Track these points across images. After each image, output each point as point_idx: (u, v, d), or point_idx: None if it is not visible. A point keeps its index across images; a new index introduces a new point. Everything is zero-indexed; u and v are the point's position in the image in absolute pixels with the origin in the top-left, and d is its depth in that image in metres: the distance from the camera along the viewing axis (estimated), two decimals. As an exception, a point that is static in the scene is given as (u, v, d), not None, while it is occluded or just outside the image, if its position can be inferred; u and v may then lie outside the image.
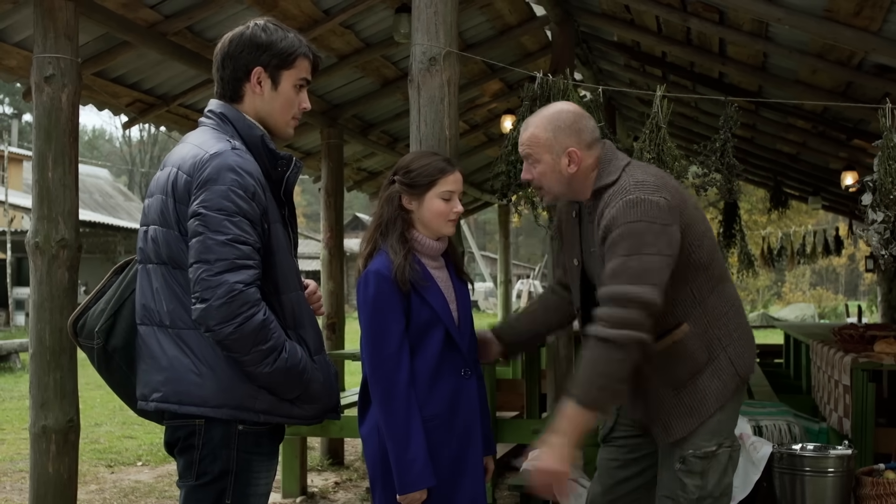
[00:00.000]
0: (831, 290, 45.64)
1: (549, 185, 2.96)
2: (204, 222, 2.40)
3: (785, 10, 4.83)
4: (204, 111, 2.68)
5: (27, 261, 4.49)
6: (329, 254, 7.90)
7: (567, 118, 2.93)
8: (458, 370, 2.96)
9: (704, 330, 2.88)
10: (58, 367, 4.29)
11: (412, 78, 3.64)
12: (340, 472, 7.25)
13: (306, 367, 2.53)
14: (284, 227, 2.61)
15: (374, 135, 8.86)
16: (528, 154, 2.96)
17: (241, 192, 2.42)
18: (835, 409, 5.66)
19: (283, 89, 2.65)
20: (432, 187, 2.95)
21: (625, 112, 10.58)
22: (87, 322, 2.63)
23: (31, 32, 4.50)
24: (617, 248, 2.72)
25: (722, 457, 2.87)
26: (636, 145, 4.87)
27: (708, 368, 2.88)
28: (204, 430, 2.48)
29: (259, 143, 2.58)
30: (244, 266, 2.39)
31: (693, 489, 2.83)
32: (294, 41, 2.65)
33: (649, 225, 2.72)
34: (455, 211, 2.97)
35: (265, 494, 2.61)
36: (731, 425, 2.94)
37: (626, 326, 2.65)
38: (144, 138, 50.59)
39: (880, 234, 4.68)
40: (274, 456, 2.64)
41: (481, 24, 6.98)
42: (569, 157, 2.89)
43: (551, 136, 2.91)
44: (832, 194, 12.34)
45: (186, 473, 2.52)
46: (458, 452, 2.94)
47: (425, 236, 2.99)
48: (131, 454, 7.98)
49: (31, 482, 4.33)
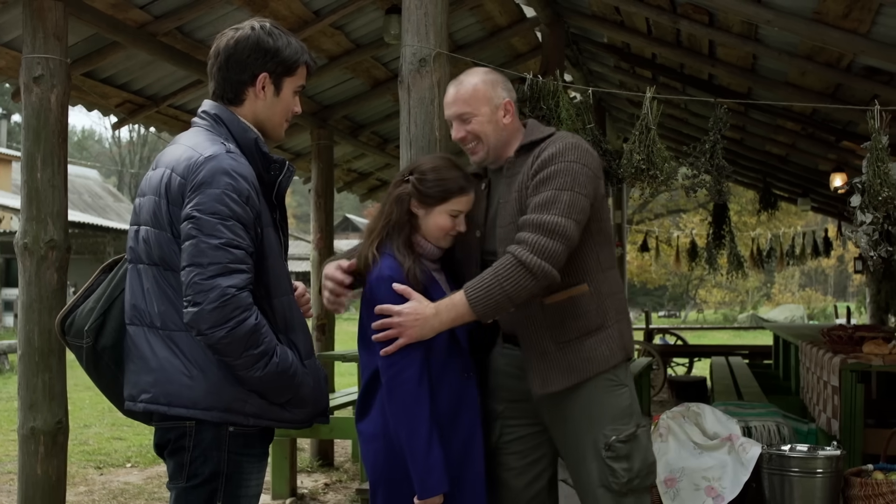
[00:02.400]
0: (820, 291, 45.77)
1: (485, 135, 3.02)
2: (197, 225, 2.39)
3: (774, 12, 4.84)
4: (197, 112, 2.67)
5: (16, 262, 4.47)
6: (319, 255, 7.89)
7: (498, 75, 3.09)
8: (459, 372, 2.96)
9: (601, 298, 2.97)
10: (46, 368, 4.28)
11: (402, 79, 3.64)
12: (330, 474, 7.24)
13: (297, 372, 2.53)
14: (276, 231, 2.61)
15: (364, 136, 8.85)
16: (464, 111, 3.02)
17: (235, 195, 2.41)
18: (823, 410, 5.68)
19: (284, 95, 2.67)
20: (444, 203, 2.94)
21: (615, 113, 10.60)
22: (75, 321, 2.62)
23: (20, 33, 4.49)
24: (550, 182, 2.82)
25: (642, 437, 2.95)
26: (626, 146, 4.88)
27: (598, 334, 2.95)
28: (195, 432, 2.47)
29: (253, 146, 2.58)
30: (237, 270, 2.39)
31: (622, 473, 2.88)
32: (297, 48, 2.67)
33: (584, 167, 2.86)
34: (458, 230, 2.98)
35: (256, 496, 2.61)
36: (638, 407, 3.02)
37: (546, 258, 2.73)
38: (134, 139, 50.39)
39: (869, 235, 4.70)
40: (264, 457, 2.64)
41: (471, 25, 6.98)
42: (504, 109, 3.03)
43: (489, 88, 3.03)
44: (821, 196, 12.38)
45: (177, 475, 2.51)
46: (463, 454, 2.93)
47: (426, 241, 2.99)
48: (120, 456, 7.96)
49: (20, 484, 4.31)
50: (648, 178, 4.77)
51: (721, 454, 3.94)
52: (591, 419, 2.92)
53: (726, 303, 40.22)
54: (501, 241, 2.94)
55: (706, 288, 37.04)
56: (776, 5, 4.84)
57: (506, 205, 2.98)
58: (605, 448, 2.89)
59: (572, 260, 2.87)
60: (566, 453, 3.02)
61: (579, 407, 2.94)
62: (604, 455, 2.89)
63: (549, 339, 2.92)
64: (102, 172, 43.22)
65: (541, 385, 2.93)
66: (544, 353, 2.93)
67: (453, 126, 3.08)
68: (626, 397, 2.97)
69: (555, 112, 4.68)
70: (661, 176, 4.75)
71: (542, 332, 2.93)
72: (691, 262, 13.70)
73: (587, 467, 2.94)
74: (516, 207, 2.92)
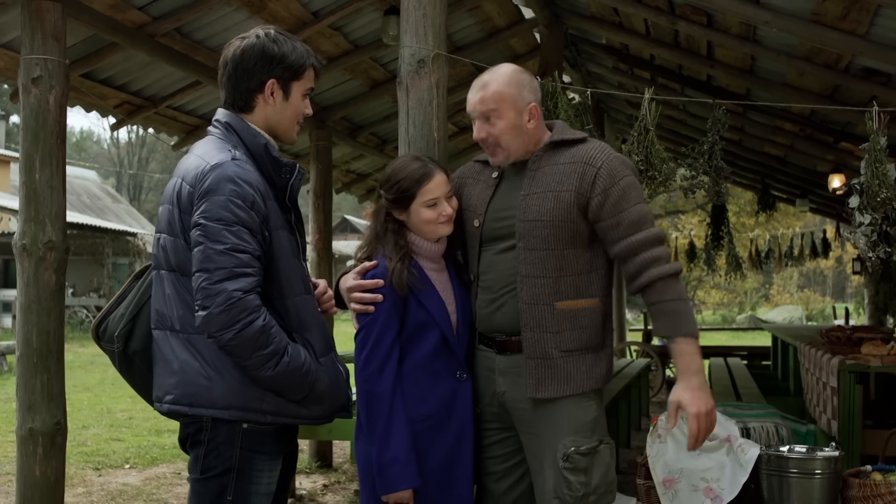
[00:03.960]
0: (819, 292, 45.77)
1: (507, 141, 2.99)
2: (204, 232, 2.48)
3: (773, 13, 4.85)
4: (211, 121, 2.76)
5: (14, 263, 4.47)
6: (318, 256, 7.90)
7: (526, 76, 3.05)
8: (453, 372, 2.97)
9: (605, 318, 3.00)
10: (45, 369, 4.27)
11: (401, 80, 3.63)
12: (329, 475, 7.23)
13: (310, 370, 2.60)
14: (290, 233, 2.70)
15: (362, 137, 8.85)
16: (491, 110, 2.97)
17: (239, 201, 2.50)
18: (824, 412, 5.67)
19: (294, 99, 2.75)
20: (414, 199, 2.95)
21: (613, 115, 10.61)
22: (108, 326, 2.75)
23: (18, 34, 4.49)
24: (627, 199, 2.88)
25: (604, 453, 2.92)
26: (624, 147, 4.88)
27: (598, 352, 2.98)
28: (210, 427, 2.58)
29: (263, 151, 2.66)
30: (242, 274, 2.47)
31: (578, 486, 2.84)
32: (303, 52, 2.74)
33: (636, 178, 2.97)
34: (444, 214, 2.97)
35: (268, 494, 2.67)
36: (605, 424, 3.00)
37: (671, 260, 2.89)
38: (133, 140, 50.35)
39: (867, 236, 4.71)
40: (277, 456, 2.70)
41: (470, 26, 6.98)
42: (530, 114, 2.99)
43: (516, 91, 2.98)
44: (820, 197, 12.39)
45: (193, 467, 2.63)
46: (452, 454, 2.95)
47: (424, 240, 3.00)
48: (119, 457, 7.95)
49: (18, 485, 4.31)
50: (647, 180, 4.77)
51: (719, 455, 3.93)
52: (556, 428, 2.90)
53: (725, 304, 40.22)
54: (522, 235, 2.92)
55: (705, 289, 37.03)
56: (774, 6, 4.84)
57: (531, 197, 2.93)
58: (563, 458, 2.86)
59: (591, 272, 2.95)
60: (529, 460, 3.00)
61: (548, 414, 2.92)
62: (561, 465, 2.86)
63: (554, 345, 2.91)
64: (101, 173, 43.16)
65: (534, 388, 2.91)
66: (546, 358, 2.91)
67: (476, 124, 3.03)
68: (593, 411, 2.94)
69: (553, 113, 4.68)
70: (660, 177, 4.75)
71: (548, 336, 2.91)
72: (690, 263, 13.69)
73: (544, 476, 2.92)
74: (548, 207, 2.89)
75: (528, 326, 2.92)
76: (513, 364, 2.98)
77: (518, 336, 2.95)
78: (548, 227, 2.89)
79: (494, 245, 3.00)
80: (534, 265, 2.90)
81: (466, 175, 3.21)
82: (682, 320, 2.84)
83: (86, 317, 22.69)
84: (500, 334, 2.99)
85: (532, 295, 2.90)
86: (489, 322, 3.01)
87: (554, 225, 2.89)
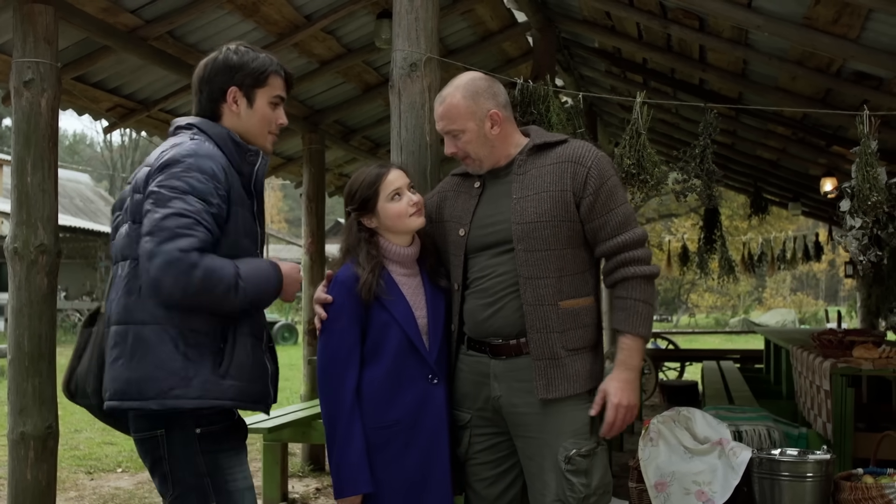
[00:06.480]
0: (811, 295, 45.91)
1: (475, 151, 3.02)
2: (154, 200, 2.48)
3: (764, 18, 4.86)
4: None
5: (6, 266, 4.46)
6: (311, 259, 7.90)
7: (483, 83, 3.03)
8: (423, 376, 2.97)
9: (598, 316, 3.07)
10: (36, 373, 4.26)
11: (393, 84, 3.64)
12: (321, 478, 7.23)
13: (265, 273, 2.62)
14: (252, 219, 2.69)
15: (355, 140, 8.85)
16: (451, 129, 3.01)
17: (196, 173, 2.50)
18: (819, 415, 5.68)
19: (259, 107, 2.75)
20: (378, 196, 2.98)
21: (606, 118, 10.61)
22: (78, 384, 2.71)
23: (10, 37, 4.49)
24: (614, 199, 2.95)
25: (602, 454, 2.95)
26: (616, 151, 4.88)
27: (596, 350, 3.05)
28: (165, 440, 2.54)
29: (226, 136, 2.67)
30: (184, 234, 2.43)
31: (580, 488, 2.86)
32: (266, 60, 2.75)
33: (618, 178, 3.04)
34: (412, 202, 3.00)
35: (249, 487, 2.66)
36: (598, 426, 3.00)
37: (651, 262, 2.98)
38: (125, 143, 50.29)
39: (858, 239, 4.72)
40: (241, 451, 2.69)
41: (463, 30, 6.99)
42: (491, 120, 2.99)
43: (472, 102, 2.98)
44: (812, 200, 12.41)
45: (163, 488, 2.59)
46: (426, 457, 2.96)
47: (397, 245, 3.02)
48: (111, 461, 7.94)
49: (10, 489, 4.30)
50: (639, 183, 4.77)
51: (711, 458, 3.94)
52: (555, 431, 2.91)
53: (718, 307, 40.31)
54: (520, 238, 2.93)
55: (698, 292, 37.13)
56: (766, 10, 4.85)
57: (525, 200, 2.96)
58: (564, 461, 2.87)
59: (587, 271, 3.01)
60: (525, 463, 3.00)
61: (547, 417, 2.93)
62: (563, 468, 2.87)
63: (561, 345, 2.92)
64: (94, 177, 43.11)
65: (544, 389, 2.92)
66: (554, 358, 2.92)
67: (445, 140, 3.09)
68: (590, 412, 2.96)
69: (545, 117, 4.68)
70: (652, 181, 4.75)
71: (555, 336, 2.93)
72: (683, 267, 13.70)
73: (544, 479, 2.92)
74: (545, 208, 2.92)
75: (533, 328, 2.93)
76: (509, 368, 2.98)
77: (517, 339, 2.96)
78: (548, 228, 2.92)
79: (485, 251, 3.02)
80: (536, 266, 2.92)
81: (446, 189, 3.23)
82: (640, 320, 2.94)
83: (78, 320, 22.63)
84: (497, 338, 2.99)
85: (536, 296, 2.92)
86: (484, 327, 3.01)
87: (553, 225, 2.92)
